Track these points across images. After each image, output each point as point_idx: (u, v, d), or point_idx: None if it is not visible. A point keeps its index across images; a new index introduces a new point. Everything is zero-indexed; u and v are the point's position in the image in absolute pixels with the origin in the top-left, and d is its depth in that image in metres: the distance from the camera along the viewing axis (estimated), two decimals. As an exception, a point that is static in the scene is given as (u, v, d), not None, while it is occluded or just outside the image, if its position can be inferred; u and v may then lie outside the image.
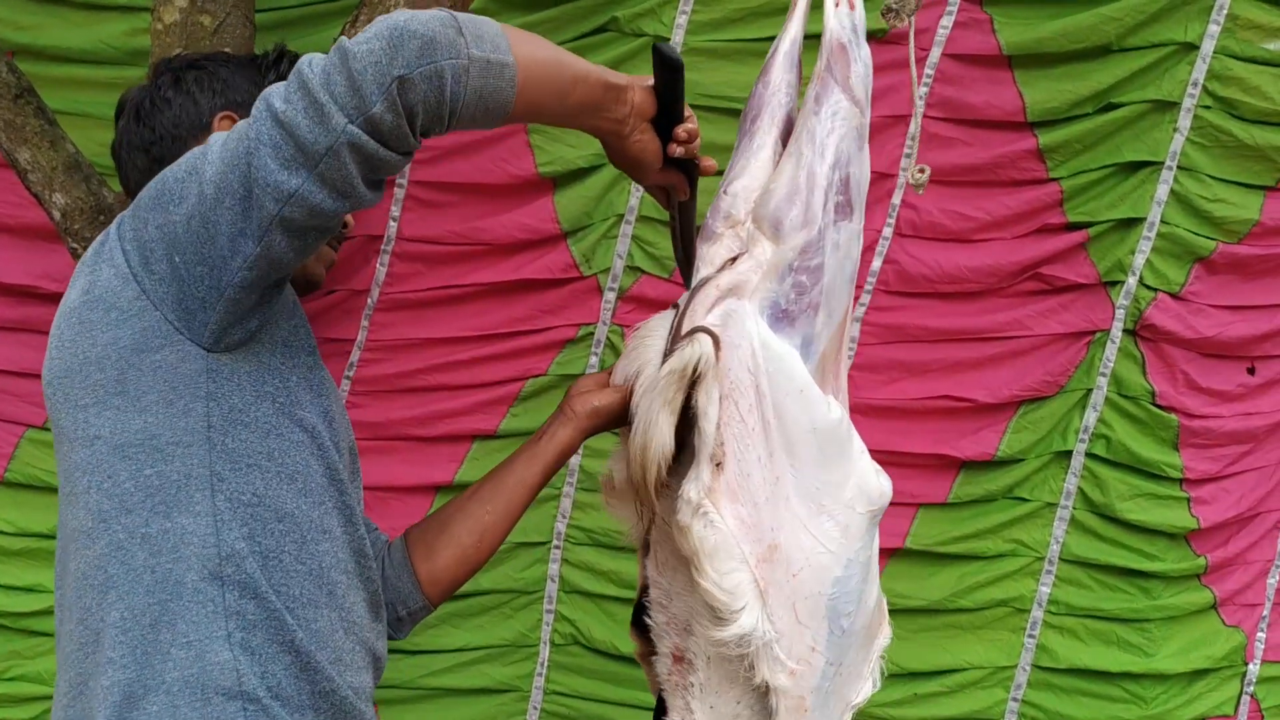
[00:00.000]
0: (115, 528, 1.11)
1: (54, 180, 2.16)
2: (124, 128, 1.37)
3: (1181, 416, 2.51)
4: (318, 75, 1.02)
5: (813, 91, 1.38)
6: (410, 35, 1.01)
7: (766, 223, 1.35)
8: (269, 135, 1.02)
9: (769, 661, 1.27)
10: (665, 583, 1.35)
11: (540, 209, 2.46)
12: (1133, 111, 2.43)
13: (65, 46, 2.46)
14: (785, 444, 1.28)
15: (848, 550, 1.33)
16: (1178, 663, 2.57)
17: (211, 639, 1.09)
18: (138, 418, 1.10)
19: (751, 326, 1.29)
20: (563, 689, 2.61)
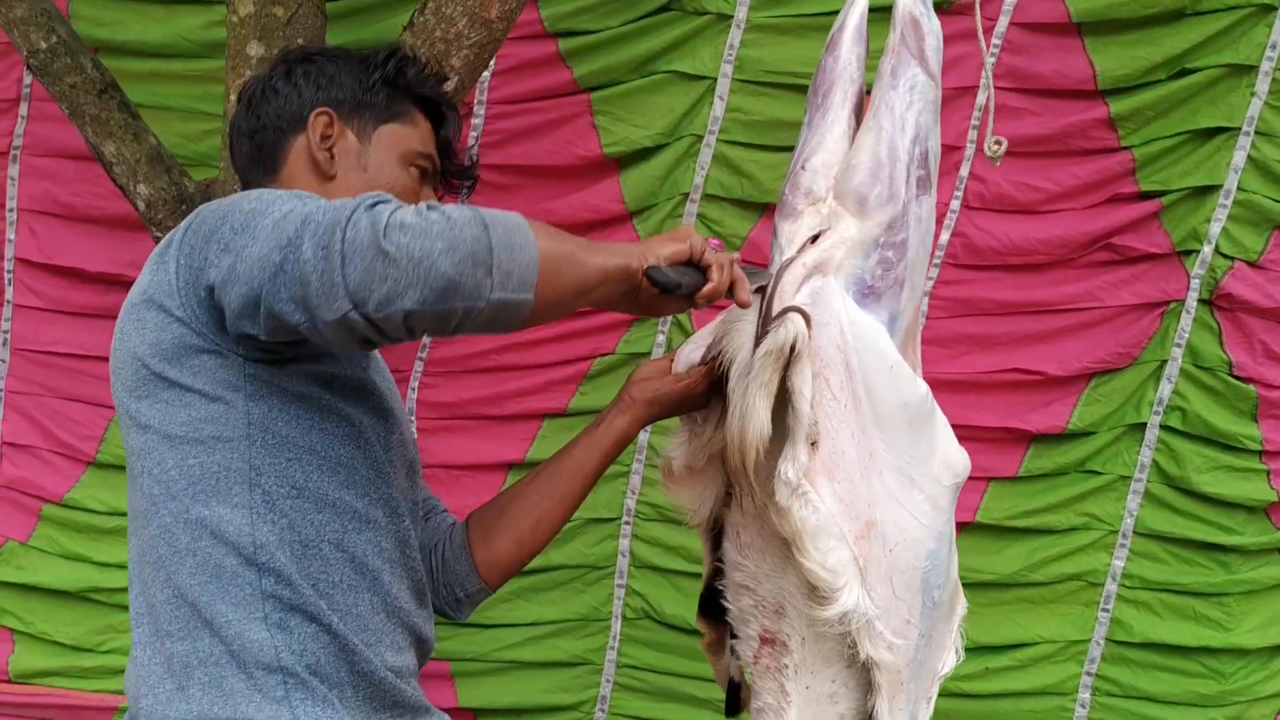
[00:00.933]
0: (163, 511, 1.16)
1: (138, 172, 2.24)
2: (236, 113, 1.38)
3: (1260, 387, 2.46)
4: (349, 247, 1.00)
5: (888, 65, 1.37)
6: (438, 275, 0.99)
7: (850, 198, 1.34)
8: (293, 266, 1.02)
9: (871, 637, 1.27)
10: (751, 565, 1.35)
11: (606, 189, 2.49)
12: (1208, 76, 2.37)
13: (145, 41, 2.54)
14: (876, 420, 1.28)
15: (937, 523, 1.33)
16: (1258, 637, 2.53)
17: (250, 619, 1.14)
18: (183, 411, 1.14)
19: (839, 304, 1.29)
20: (635, 662, 2.65)
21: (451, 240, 0.99)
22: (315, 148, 1.31)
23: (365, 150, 1.32)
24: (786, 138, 2.46)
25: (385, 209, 1.01)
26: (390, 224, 0.99)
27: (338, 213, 1.01)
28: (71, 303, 2.66)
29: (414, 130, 1.36)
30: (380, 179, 1.31)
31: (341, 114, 1.32)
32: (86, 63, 2.24)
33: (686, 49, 2.44)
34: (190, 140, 2.56)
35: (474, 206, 1.06)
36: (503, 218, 1.04)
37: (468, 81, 2.06)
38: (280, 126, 1.32)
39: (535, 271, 1.03)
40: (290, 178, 1.32)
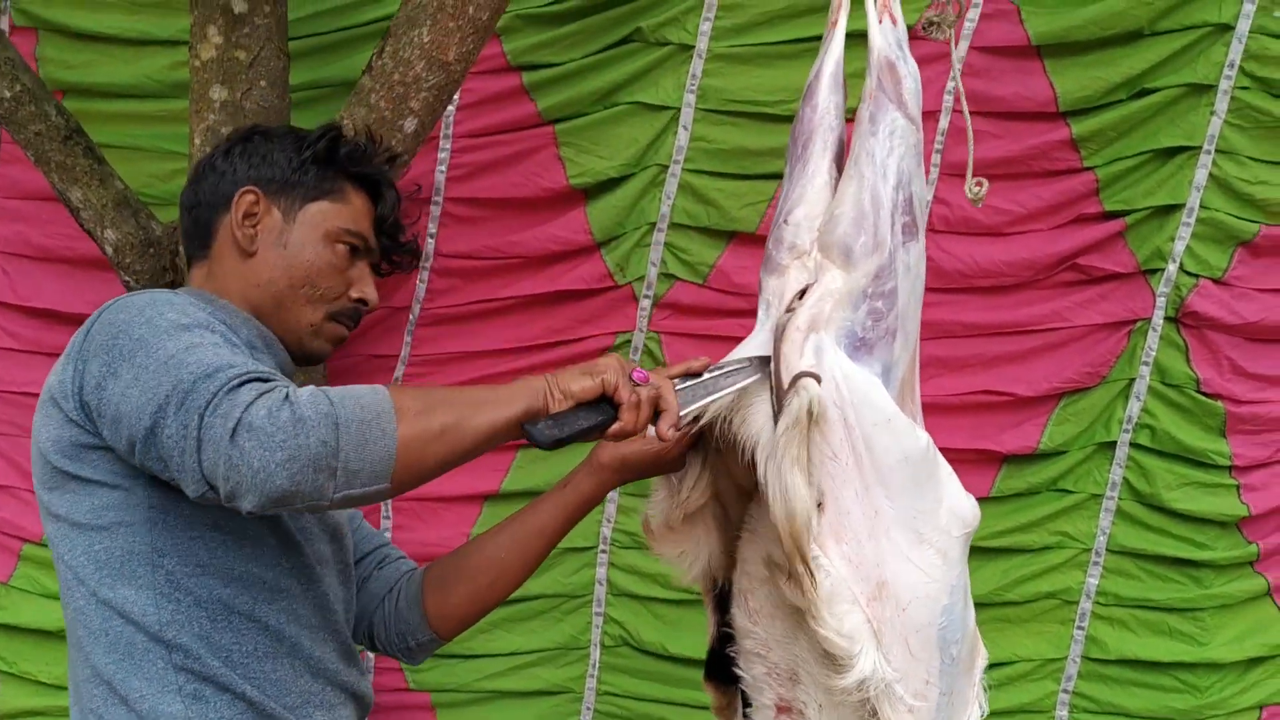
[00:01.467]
0: (76, 595, 1.20)
1: (105, 217, 2.25)
2: (184, 188, 1.42)
3: (1228, 403, 2.48)
4: (200, 433, 1.04)
5: (866, 111, 1.33)
6: (272, 486, 1.02)
7: (835, 250, 1.30)
8: (158, 437, 1.08)
9: (890, 701, 1.22)
10: (762, 632, 1.32)
11: (573, 220, 2.50)
12: (1167, 96, 2.39)
13: (113, 82, 2.55)
14: (878, 476, 1.24)
15: (949, 576, 1.29)
16: (1232, 651, 2.54)
17: (163, 693, 1.16)
18: (86, 500, 1.17)
19: (831, 359, 1.25)
20: (615, 689, 2.66)
21: (294, 450, 1.02)
22: (236, 225, 1.32)
23: (288, 228, 1.33)
24: (751, 165, 2.47)
25: (243, 399, 1.04)
26: (241, 424, 1.02)
27: (204, 388, 1.05)
28: (48, 344, 2.66)
29: (344, 208, 1.36)
30: (300, 257, 1.32)
31: (269, 192, 1.34)
32: (51, 110, 2.25)
33: (649, 80, 2.45)
34: (160, 180, 2.57)
35: (335, 397, 1.06)
36: (360, 411, 1.05)
37: (427, 123, 2.07)
38: (213, 203, 1.34)
39: (390, 463, 1.06)
40: (218, 254, 1.34)
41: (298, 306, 1.32)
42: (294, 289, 1.31)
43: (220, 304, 1.29)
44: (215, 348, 1.11)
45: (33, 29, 2.53)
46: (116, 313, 1.16)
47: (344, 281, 1.34)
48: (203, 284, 1.34)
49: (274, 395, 1.05)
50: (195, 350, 1.09)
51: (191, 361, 1.08)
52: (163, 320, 1.13)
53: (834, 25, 1.42)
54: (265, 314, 1.32)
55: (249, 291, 1.31)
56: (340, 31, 2.47)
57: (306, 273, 1.32)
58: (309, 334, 1.34)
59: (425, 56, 1.99)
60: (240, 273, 1.32)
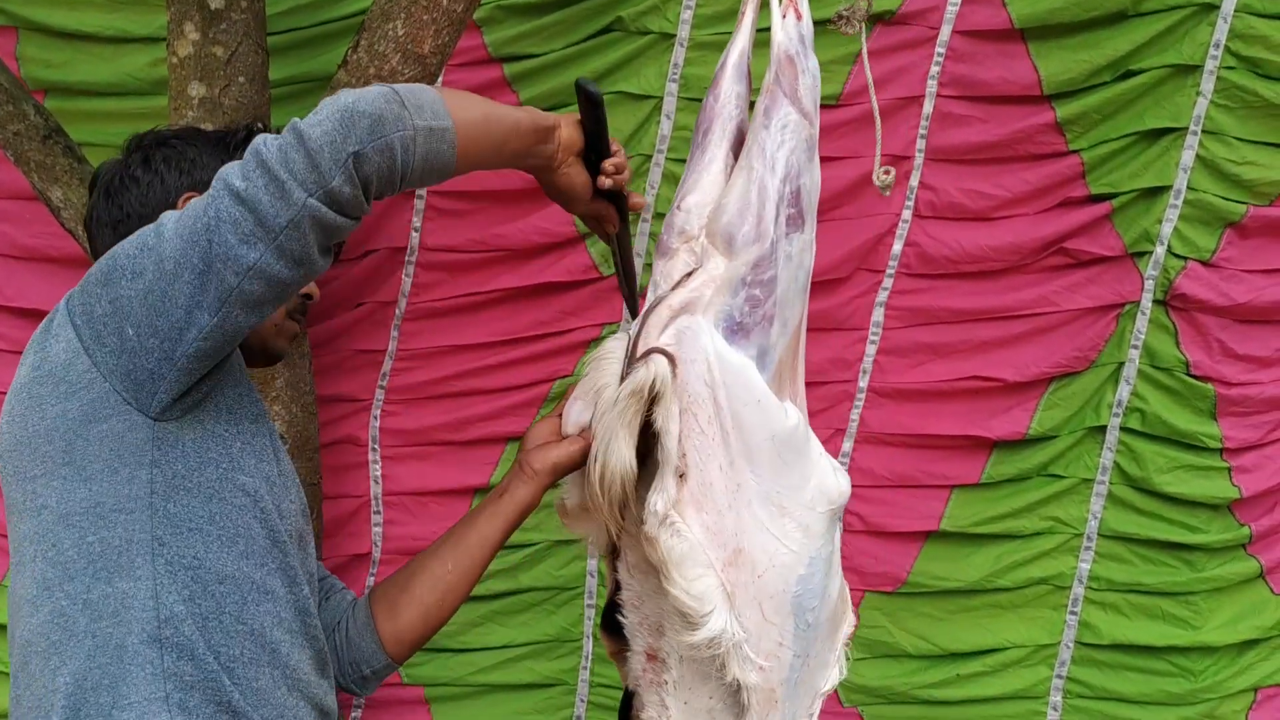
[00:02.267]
0: (58, 594, 1.15)
1: (85, 215, 2.24)
2: (94, 203, 1.36)
3: (1218, 385, 2.46)
4: (275, 154, 1.08)
5: (762, 104, 1.39)
6: (360, 115, 1.07)
7: (719, 238, 1.36)
8: (229, 212, 1.08)
9: (739, 660, 1.32)
10: (637, 586, 1.39)
11: (557, 211, 2.47)
12: (1152, 77, 2.37)
13: (93, 81, 2.54)
14: (745, 452, 1.31)
15: (810, 549, 1.36)
16: (1226, 634, 2.53)
17: (151, 700, 1.13)
18: (83, 487, 1.14)
19: (706, 341, 1.31)
20: (608, 681, 2.66)
21: (357, 95, 1.09)
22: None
23: None
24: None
25: (286, 130, 1.10)
26: (295, 124, 1.08)
27: (245, 161, 1.09)
28: (32, 344, 2.67)
29: None
30: None
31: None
32: (29, 109, 2.24)
33: (631, 69, 2.44)
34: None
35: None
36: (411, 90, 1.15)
37: (405, 116, 2.06)
38: (145, 214, 1.29)
39: (442, 103, 1.14)
40: None
41: None
42: None
43: None
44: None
45: (13, 28, 2.52)
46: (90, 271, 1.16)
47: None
48: None
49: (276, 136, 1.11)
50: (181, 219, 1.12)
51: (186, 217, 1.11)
52: (141, 230, 1.15)
53: (743, 16, 1.50)
54: None
55: None
56: (319, 26, 2.46)
57: None
58: (272, 334, 1.33)
59: (400, 49, 1.98)
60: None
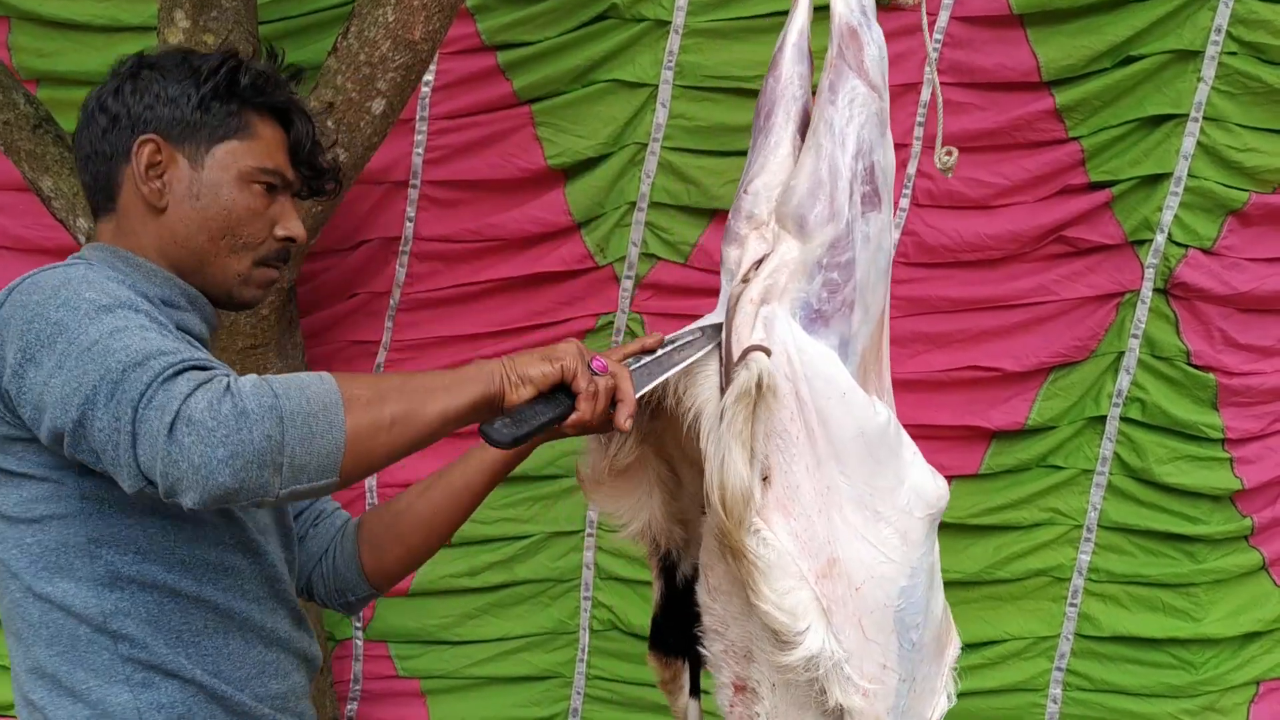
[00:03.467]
0: (11, 587, 1.14)
1: (76, 205, 2.23)
2: (77, 128, 1.27)
3: (1220, 375, 2.44)
4: (134, 427, 0.98)
5: (826, 80, 1.30)
6: (215, 484, 0.97)
7: (790, 220, 1.27)
8: (88, 428, 1.01)
9: (840, 683, 1.19)
10: (720, 608, 1.28)
11: (552, 201, 2.47)
12: (1153, 63, 2.35)
13: (84, 70, 2.52)
14: (833, 451, 1.20)
15: (910, 558, 1.24)
16: (1227, 626, 2.51)
17: (111, 684, 1.12)
18: (14, 492, 1.12)
19: (784, 331, 1.22)
20: (604, 673, 2.65)
21: (236, 445, 0.97)
22: (140, 180, 1.20)
23: (197, 176, 1.21)
24: (731, 142, 2.44)
25: (179, 390, 0.97)
26: (180, 417, 0.97)
27: (136, 377, 0.99)
28: (27, 335, 2.66)
29: (255, 144, 1.23)
30: (215, 207, 1.21)
31: (171, 138, 1.20)
32: (19, 98, 2.23)
33: (626, 57, 2.42)
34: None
35: (280, 388, 1.00)
36: (307, 403, 1.00)
37: (396, 104, 2.04)
38: (109, 154, 1.21)
39: (338, 456, 1.02)
40: (126, 209, 1.22)
41: (222, 259, 1.22)
42: (214, 242, 1.21)
43: (136, 262, 1.20)
44: (143, 330, 1.04)
45: (5, 17, 2.51)
46: (28, 293, 1.08)
47: (266, 223, 1.24)
48: (113, 240, 1.22)
49: (213, 386, 0.98)
50: (121, 335, 1.02)
51: (119, 348, 1.01)
52: (81, 301, 1.05)
53: None
54: (188, 271, 1.22)
55: (167, 249, 1.21)
56: (310, 15, 2.45)
57: (225, 223, 1.21)
58: (238, 284, 1.25)
59: (391, 36, 1.96)
60: (153, 230, 1.21)
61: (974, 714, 2.56)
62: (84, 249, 1.23)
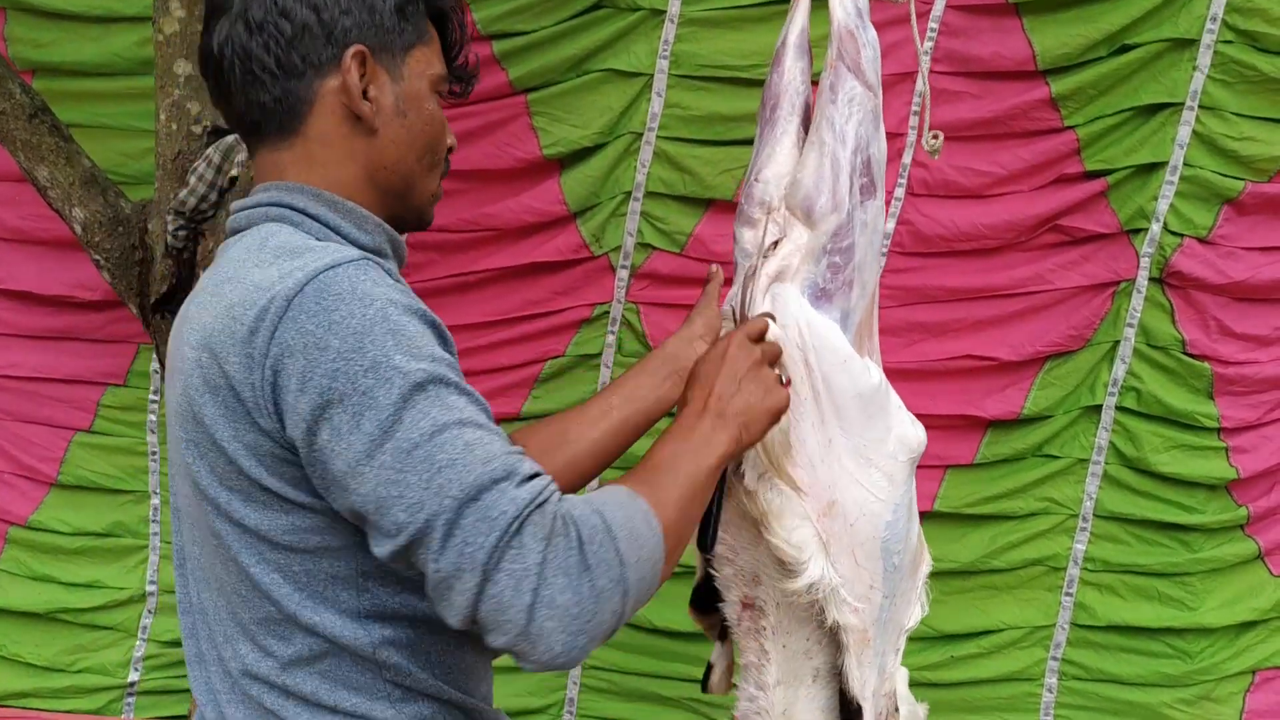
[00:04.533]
0: (263, 603, 1.07)
1: (72, 195, 2.23)
2: (232, 37, 1.08)
3: (1215, 364, 2.44)
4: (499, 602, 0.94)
5: (827, 80, 1.44)
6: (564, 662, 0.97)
7: (799, 210, 1.43)
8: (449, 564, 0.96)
9: (837, 604, 1.37)
10: (731, 539, 1.44)
11: (547, 191, 2.47)
12: (1149, 52, 2.34)
13: (81, 61, 2.53)
14: (834, 411, 1.38)
15: (894, 496, 1.43)
16: (1223, 615, 2.51)
17: (374, 700, 1.08)
18: (284, 518, 1.04)
19: (796, 307, 1.38)
20: (601, 663, 2.65)
21: (594, 630, 0.97)
22: (357, 97, 1.07)
23: (399, 90, 1.10)
24: (726, 132, 2.44)
25: (531, 549, 0.95)
26: (540, 599, 0.94)
27: (478, 525, 0.94)
28: (25, 326, 2.66)
29: (434, 49, 1.14)
30: (419, 121, 1.11)
31: (373, 48, 1.08)
32: (15, 88, 2.23)
33: (621, 46, 2.42)
34: (130, 159, 2.56)
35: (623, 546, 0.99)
36: (640, 564, 1.00)
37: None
38: (299, 68, 1.07)
39: (660, 566, 1.04)
40: (321, 133, 1.09)
41: (423, 180, 1.14)
42: (420, 161, 1.12)
43: (347, 208, 1.09)
44: (463, 433, 0.96)
45: (0, 9, 2.51)
46: (322, 317, 0.97)
47: (447, 135, 1.16)
48: (303, 174, 1.10)
49: (562, 547, 0.96)
50: (445, 442, 0.95)
51: (445, 463, 0.94)
52: (391, 369, 0.96)
53: None
54: (395, 196, 1.12)
55: (376, 175, 1.10)
56: (308, 4, 2.44)
57: (429, 138, 1.12)
58: (429, 204, 1.17)
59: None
60: (363, 155, 1.09)
61: (970, 703, 2.57)
62: (280, 191, 1.09)
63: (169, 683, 2.70)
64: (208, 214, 2.16)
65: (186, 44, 2.15)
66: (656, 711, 2.63)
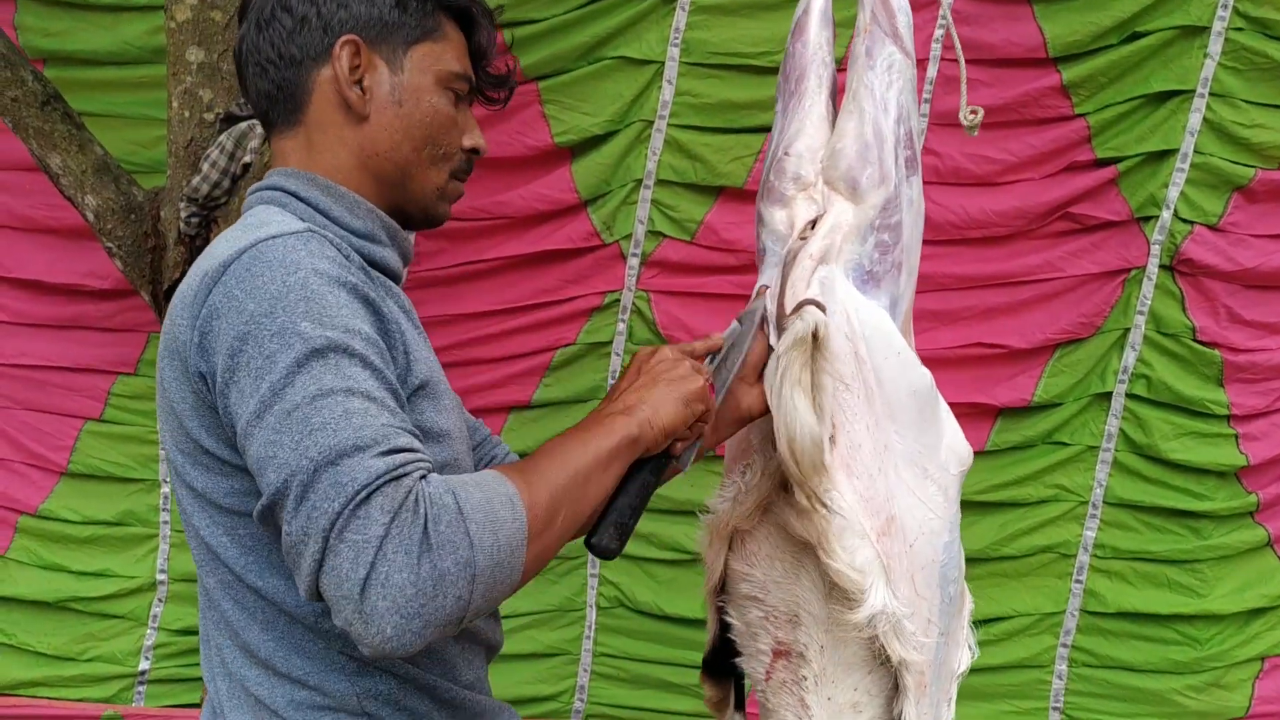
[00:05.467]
0: (220, 570, 1.08)
1: (85, 183, 2.23)
2: (244, 33, 1.18)
3: (1225, 351, 2.44)
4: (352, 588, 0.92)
5: (862, 45, 1.31)
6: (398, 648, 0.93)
7: (842, 183, 1.29)
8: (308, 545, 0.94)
9: (901, 637, 1.20)
10: (760, 575, 1.27)
11: (558, 179, 2.48)
12: (1159, 39, 2.35)
13: (92, 49, 2.53)
14: (888, 409, 1.22)
15: (949, 513, 1.27)
16: (1232, 602, 2.52)
17: (328, 671, 1.07)
18: (225, 481, 1.05)
19: (843, 292, 1.24)
20: (611, 650, 2.65)
21: (430, 615, 0.93)
22: (345, 84, 1.12)
23: (398, 80, 1.14)
24: (738, 119, 2.44)
25: (374, 526, 0.91)
26: (374, 576, 0.91)
27: (328, 491, 0.92)
28: (34, 315, 2.66)
29: (447, 46, 1.17)
30: (418, 111, 1.14)
31: (369, 39, 1.13)
32: (28, 75, 2.23)
33: (633, 34, 2.42)
34: (142, 147, 2.56)
35: (474, 528, 0.95)
36: (496, 550, 0.96)
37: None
38: (298, 58, 1.13)
39: (509, 595, 1.00)
40: (318, 120, 1.14)
41: (423, 171, 1.15)
42: (418, 151, 1.15)
43: (339, 193, 1.13)
44: (345, 402, 0.96)
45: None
46: (245, 285, 1.00)
47: (459, 133, 1.18)
48: (304, 160, 1.15)
49: (405, 519, 0.92)
50: (322, 407, 0.95)
51: (317, 426, 0.94)
52: (295, 334, 0.97)
53: None
54: (391, 185, 1.15)
55: (369, 161, 1.14)
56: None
57: (428, 130, 1.15)
58: (435, 199, 1.18)
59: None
60: (354, 141, 1.14)
61: (980, 690, 2.57)
62: (279, 175, 1.15)
63: (179, 671, 2.70)
64: (220, 200, 2.17)
65: (199, 31, 2.15)
66: (666, 698, 2.63)
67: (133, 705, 2.71)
